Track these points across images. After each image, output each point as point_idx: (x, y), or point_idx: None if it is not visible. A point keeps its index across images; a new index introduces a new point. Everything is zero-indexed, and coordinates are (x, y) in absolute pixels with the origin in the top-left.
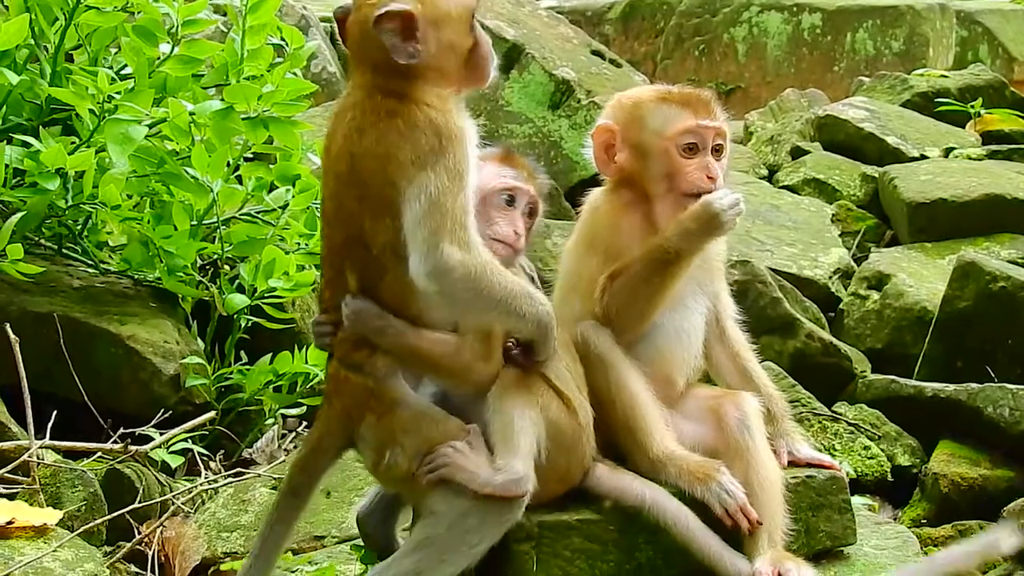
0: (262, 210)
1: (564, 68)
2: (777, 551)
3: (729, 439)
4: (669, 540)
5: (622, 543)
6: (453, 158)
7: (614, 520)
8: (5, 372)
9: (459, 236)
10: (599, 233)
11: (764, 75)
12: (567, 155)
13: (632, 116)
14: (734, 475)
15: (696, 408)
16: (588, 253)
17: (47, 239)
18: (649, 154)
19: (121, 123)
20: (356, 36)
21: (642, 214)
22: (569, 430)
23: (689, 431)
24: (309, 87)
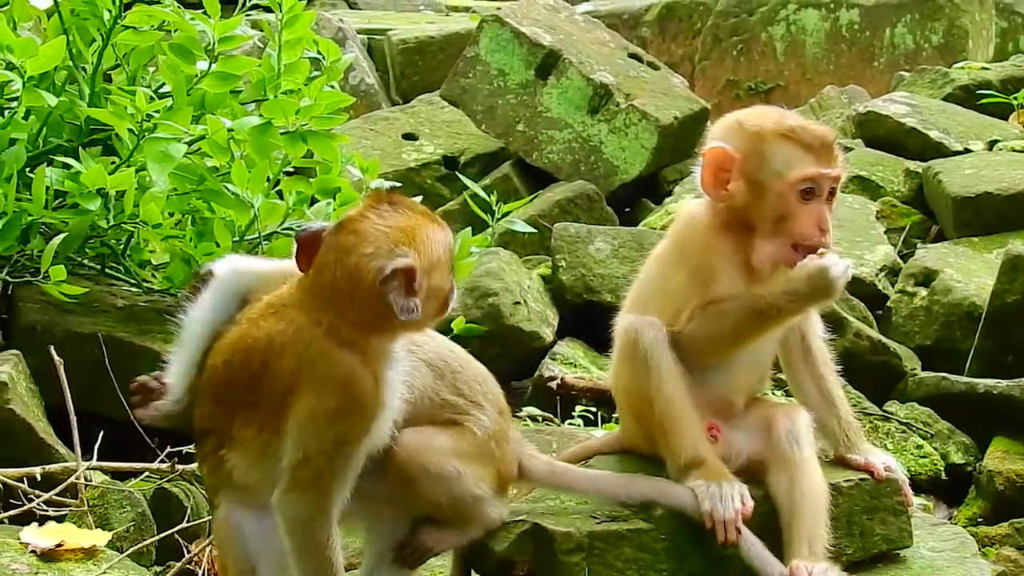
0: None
1: (602, 72)
2: (815, 559)
3: (776, 450)
4: (720, 548)
5: (673, 551)
6: (353, 429)
7: (665, 529)
8: (51, 393)
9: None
10: (691, 251)
11: (803, 73)
12: (607, 159)
13: (753, 149)
14: (778, 485)
15: (749, 419)
16: (676, 267)
17: (90, 259)
18: (765, 193)
19: (160, 141)
20: (339, 279)
21: (739, 242)
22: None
23: (739, 440)
24: (347, 99)
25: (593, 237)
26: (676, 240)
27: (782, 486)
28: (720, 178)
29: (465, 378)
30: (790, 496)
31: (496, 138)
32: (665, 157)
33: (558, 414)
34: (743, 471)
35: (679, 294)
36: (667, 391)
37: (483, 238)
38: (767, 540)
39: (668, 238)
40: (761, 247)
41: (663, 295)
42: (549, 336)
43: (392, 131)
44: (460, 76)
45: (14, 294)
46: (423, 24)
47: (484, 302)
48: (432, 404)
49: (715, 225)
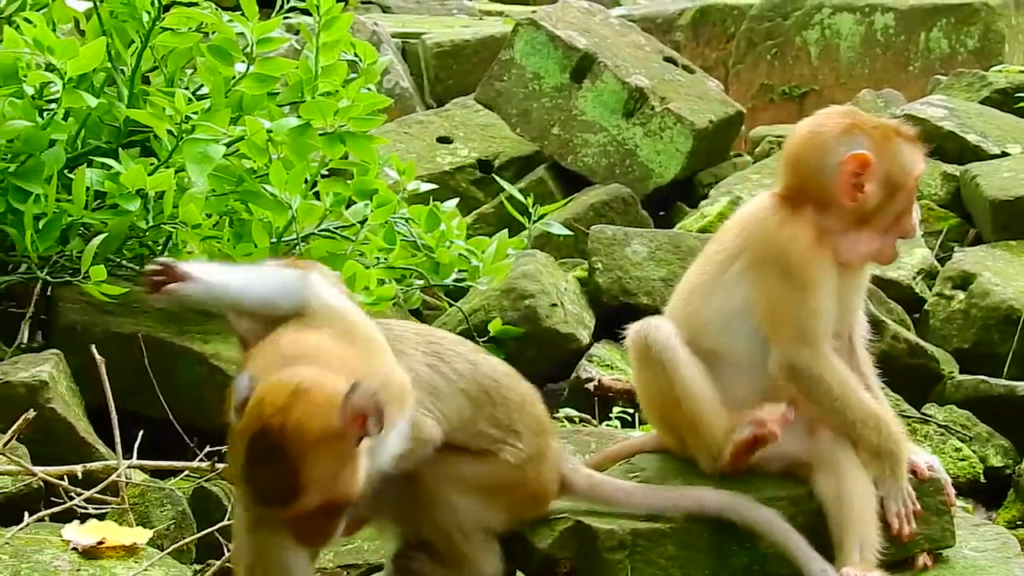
0: (340, 225)
1: (637, 76)
2: (867, 564)
3: (822, 452)
4: (764, 545)
5: (716, 549)
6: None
7: (707, 527)
8: (90, 393)
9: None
10: (794, 264)
11: (838, 77)
12: (642, 163)
13: (886, 149)
14: (825, 488)
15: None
16: (780, 283)
17: (128, 260)
18: (897, 191)
19: (199, 143)
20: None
21: (833, 246)
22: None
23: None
24: (385, 101)
25: (629, 239)
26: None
27: (829, 489)
28: (857, 182)
29: (506, 409)
30: (838, 500)
31: (531, 141)
32: (700, 161)
33: (595, 415)
34: (786, 471)
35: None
36: (692, 391)
37: (519, 240)
38: (814, 540)
39: (756, 250)
40: (867, 242)
41: (769, 310)
42: (585, 338)
43: (426, 134)
44: (495, 79)
45: (54, 294)
46: (457, 28)
47: (521, 304)
48: (468, 434)
49: (812, 236)
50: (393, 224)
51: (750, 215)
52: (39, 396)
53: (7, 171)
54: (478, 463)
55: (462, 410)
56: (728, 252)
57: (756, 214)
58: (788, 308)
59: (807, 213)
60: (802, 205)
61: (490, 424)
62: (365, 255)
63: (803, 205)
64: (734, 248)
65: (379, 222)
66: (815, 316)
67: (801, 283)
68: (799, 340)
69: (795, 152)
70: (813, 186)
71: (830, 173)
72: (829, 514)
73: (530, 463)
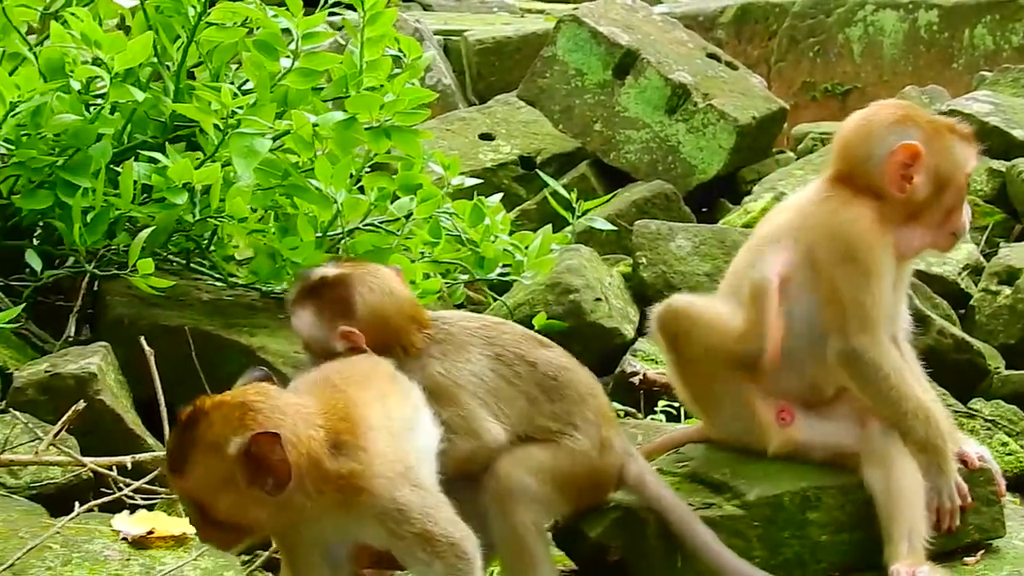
0: (385, 220)
1: (680, 72)
2: (916, 557)
3: (871, 443)
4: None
5: (767, 539)
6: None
7: (759, 516)
8: (137, 385)
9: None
10: (858, 247)
11: (881, 74)
12: (685, 159)
13: (937, 143)
14: (874, 479)
15: (841, 410)
16: (842, 266)
17: (174, 254)
18: (948, 186)
19: (246, 137)
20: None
21: (895, 236)
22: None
23: (827, 429)
24: (429, 95)
25: (674, 234)
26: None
27: (877, 481)
28: (906, 173)
29: (564, 404)
30: (886, 492)
31: (573, 138)
32: (743, 157)
33: (641, 409)
34: (834, 460)
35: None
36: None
37: (563, 236)
38: (864, 530)
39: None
40: (919, 236)
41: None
42: (630, 333)
43: (469, 131)
44: (537, 76)
45: (101, 288)
46: (498, 25)
47: (565, 298)
48: (527, 428)
49: (878, 226)
50: (438, 219)
51: (807, 199)
52: (88, 388)
53: (55, 165)
54: (543, 451)
55: (522, 409)
56: (782, 234)
57: (813, 197)
58: (850, 293)
59: (865, 200)
60: (858, 193)
61: (548, 419)
62: (410, 249)
63: (859, 193)
64: (789, 230)
65: (424, 216)
66: (876, 302)
67: (864, 268)
68: (859, 326)
69: (847, 140)
70: (863, 174)
71: (878, 162)
72: (878, 505)
73: (592, 452)
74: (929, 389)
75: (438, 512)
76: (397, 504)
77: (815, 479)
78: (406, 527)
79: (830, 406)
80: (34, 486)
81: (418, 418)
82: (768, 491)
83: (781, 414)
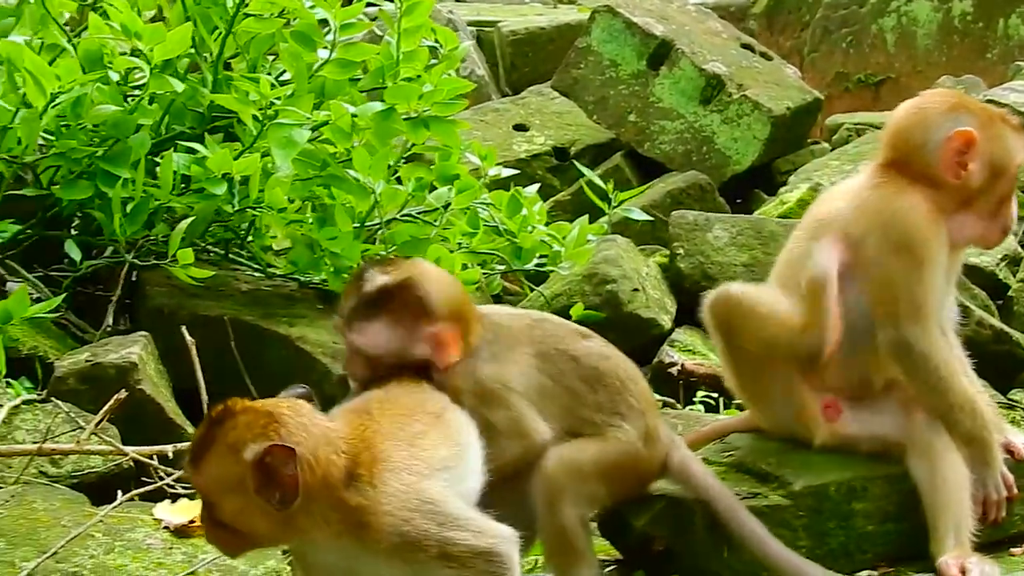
0: (423, 211)
1: (714, 63)
2: (963, 549)
3: (916, 436)
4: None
5: (812, 528)
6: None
7: (804, 506)
8: (178, 375)
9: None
10: (914, 236)
11: (914, 65)
12: (719, 150)
13: (991, 130)
14: (919, 471)
15: (887, 402)
16: (896, 254)
17: (213, 245)
18: (1002, 174)
19: (284, 127)
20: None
21: (948, 224)
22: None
23: (874, 421)
24: (468, 85)
25: (711, 225)
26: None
27: (923, 473)
28: (961, 160)
29: (608, 393)
30: (932, 483)
31: (607, 129)
32: (778, 148)
33: (680, 399)
34: (880, 451)
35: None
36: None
37: (599, 226)
38: (910, 520)
39: (887, 230)
40: (971, 226)
41: (897, 290)
42: (667, 323)
43: (503, 122)
44: (572, 67)
45: (140, 278)
46: (531, 16)
47: (602, 288)
48: (571, 423)
49: (933, 214)
50: (476, 209)
51: (859, 186)
52: (129, 377)
53: (95, 156)
54: (590, 445)
55: (565, 404)
56: (835, 223)
57: (866, 183)
58: (903, 281)
59: (919, 188)
60: (912, 181)
61: (593, 409)
62: (448, 240)
63: (913, 181)
64: (842, 218)
65: (461, 207)
66: (928, 292)
67: (919, 257)
68: (911, 316)
69: (900, 127)
70: (917, 161)
71: (934, 148)
72: (924, 497)
73: (639, 443)
74: (975, 380)
75: (457, 530)
76: (406, 537)
77: (861, 469)
78: (421, 555)
79: (877, 398)
80: (76, 475)
81: (460, 460)
82: (814, 481)
83: (828, 409)
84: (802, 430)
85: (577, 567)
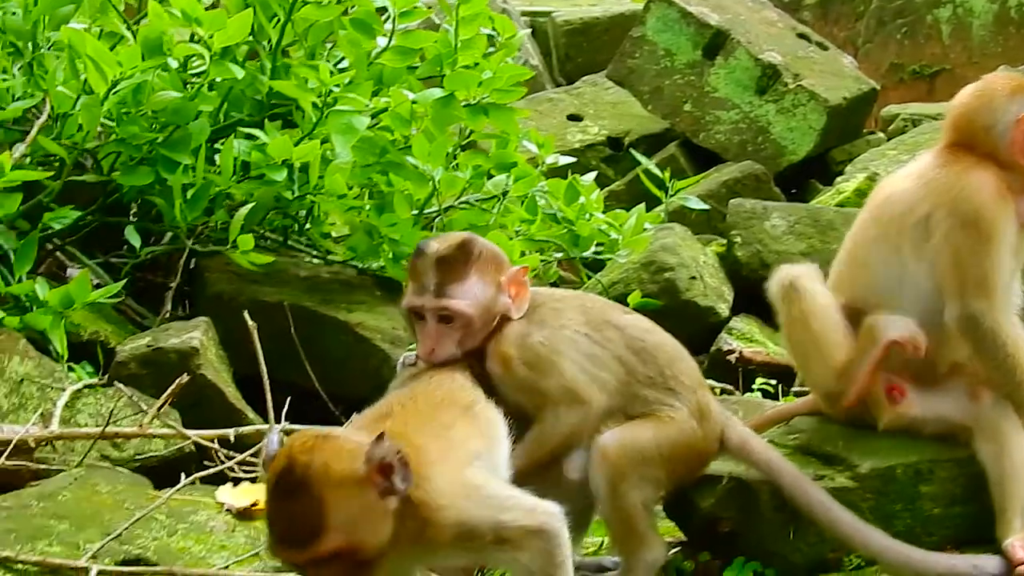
0: (480, 198)
1: (770, 52)
2: None
3: (984, 419)
4: (929, 507)
5: (879, 511)
6: None
7: (871, 488)
8: (238, 360)
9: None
10: (982, 213)
11: (970, 56)
12: (775, 140)
13: None
14: (986, 454)
15: (953, 384)
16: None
17: (271, 231)
18: None
19: (344, 114)
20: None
21: (1016, 204)
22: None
23: (939, 404)
24: (527, 72)
25: (769, 213)
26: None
27: (989, 455)
28: None
29: (657, 365)
30: (999, 467)
31: (662, 119)
32: (833, 138)
33: (739, 387)
34: (946, 434)
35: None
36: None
37: (656, 215)
38: (977, 503)
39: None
40: None
41: (943, 260)
42: (725, 311)
43: (557, 112)
44: (626, 56)
45: (199, 265)
46: (585, 6)
47: (660, 276)
48: (625, 399)
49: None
50: (534, 196)
51: (926, 166)
52: (190, 362)
53: (155, 142)
54: (648, 429)
55: (618, 375)
56: (901, 203)
57: (932, 163)
58: (972, 258)
59: (988, 167)
60: (980, 160)
61: (645, 385)
62: (506, 227)
63: (981, 160)
64: (909, 199)
65: (519, 194)
66: (996, 268)
67: (987, 233)
68: (979, 291)
69: (965, 109)
70: (984, 143)
71: (1003, 131)
72: (990, 480)
73: (693, 422)
74: None
75: (509, 513)
76: (464, 527)
77: (928, 452)
78: (478, 541)
79: (942, 380)
80: (138, 459)
81: (490, 453)
82: (881, 463)
83: (892, 392)
84: (866, 413)
85: (642, 550)
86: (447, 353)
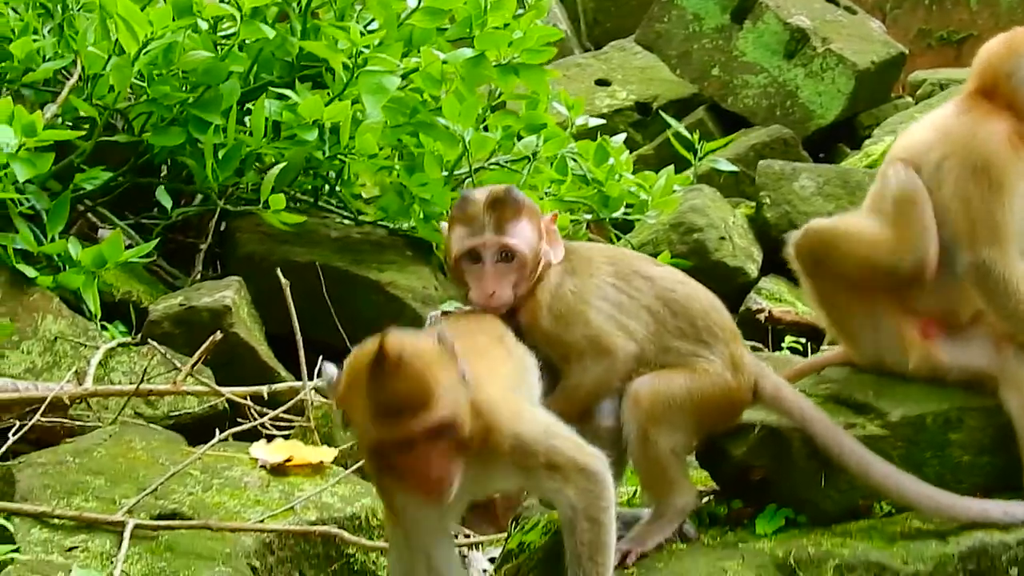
0: (510, 159)
1: (799, 16)
2: None
3: (1008, 368)
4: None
5: (909, 458)
6: None
7: (901, 436)
8: (269, 320)
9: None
10: (993, 162)
11: (997, 22)
12: (803, 104)
13: None
14: (1010, 404)
15: (975, 332)
16: (976, 179)
17: (302, 192)
18: None
19: (375, 74)
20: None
21: None
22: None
23: (962, 352)
24: (557, 33)
25: (798, 174)
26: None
27: (1014, 405)
28: None
29: (689, 316)
30: (1022, 417)
31: (691, 83)
32: (862, 102)
33: (769, 345)
34: (969, 382)
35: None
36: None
37: (685, 176)
38: (1006, 453)
39: (973, 163)
40: None
41: (954, 208)
42: (754, 272)
43: (585, 77)
44: (655, 21)
45: (230, 225)
46: None
47: (689, 237)
48: (656, 350)
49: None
50: (564, 157)
51: (944, 115)
52: (222, 321)
53: (186, 103)
54: (680, 377)
55: (648, 325)
56: (918, 151)
57: (952, 112)
58: (982, 206)
59: (1004, 116)
60: (997, 109)
61: (676, 336)
62: (537, 188)
63: (998, 109)
64: (924, 147)
65: (549, 155)
66: (1006, 217)
67: (998, 182)
68: (990, 239)
69: (991, 55)
70: (1005, 90)
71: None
72: (1016, 429)
73: (727, 373)
74: None
75: (561, 440)
76: (521, 439)
77: (958, 400)
78: (532, 460)
79: (967, 329)
80: (172, 416)
81: (522, 382)
82: (911, 412)
83: (926, 326)
84: (897, 358)
85: (672, 495)
86: (506, 296)
